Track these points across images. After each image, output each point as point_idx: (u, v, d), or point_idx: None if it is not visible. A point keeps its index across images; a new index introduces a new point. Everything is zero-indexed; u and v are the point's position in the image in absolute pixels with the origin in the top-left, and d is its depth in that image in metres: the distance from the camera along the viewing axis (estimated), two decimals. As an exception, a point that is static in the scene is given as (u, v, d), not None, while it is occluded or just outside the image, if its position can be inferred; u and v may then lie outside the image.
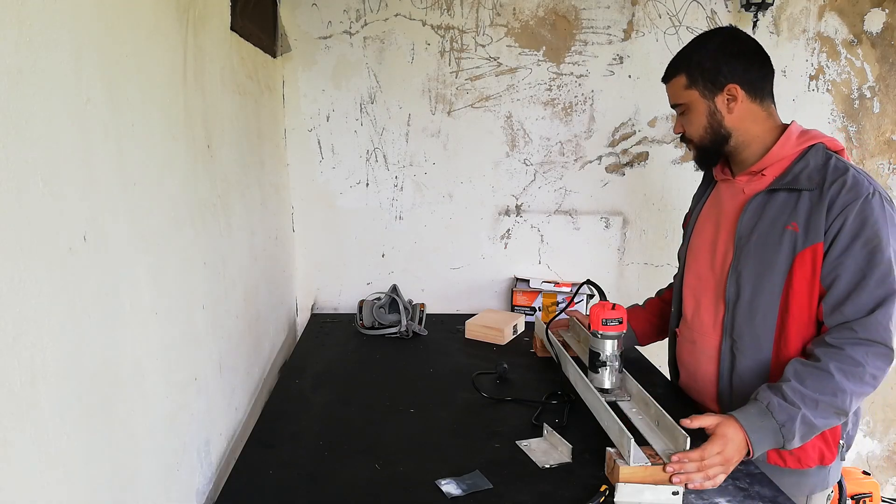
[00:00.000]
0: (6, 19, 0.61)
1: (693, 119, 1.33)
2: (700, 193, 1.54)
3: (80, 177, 0.76)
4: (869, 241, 1.17)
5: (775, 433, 1.14)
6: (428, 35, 2.09)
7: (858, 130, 2.21)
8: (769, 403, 1.16)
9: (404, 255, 2.26)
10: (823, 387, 1.15)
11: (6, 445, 0.61)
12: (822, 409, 1.15)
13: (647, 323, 1.67)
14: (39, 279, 0.66)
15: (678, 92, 1.34)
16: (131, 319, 0.89)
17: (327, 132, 2.15)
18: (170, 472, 1.04)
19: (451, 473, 1.16)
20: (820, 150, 1.27)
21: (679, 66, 1.33)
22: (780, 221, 1.25)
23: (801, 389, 1.15)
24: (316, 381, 1.63)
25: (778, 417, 1.14)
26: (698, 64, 1.30)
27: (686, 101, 1.33)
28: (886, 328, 1.17)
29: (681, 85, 1.33)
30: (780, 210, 1.26)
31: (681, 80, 1.32)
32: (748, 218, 1.30)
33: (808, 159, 1.26)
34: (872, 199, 1.19)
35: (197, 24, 1.21)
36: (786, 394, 1.16)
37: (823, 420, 1.16)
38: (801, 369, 1.18)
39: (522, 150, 2.19)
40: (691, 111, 1.33)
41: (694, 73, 1.30)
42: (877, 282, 1.17)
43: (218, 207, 1.33)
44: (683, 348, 1.48)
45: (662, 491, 1.07)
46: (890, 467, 2.50)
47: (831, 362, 1.16)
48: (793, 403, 1.15)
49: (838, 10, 2.12)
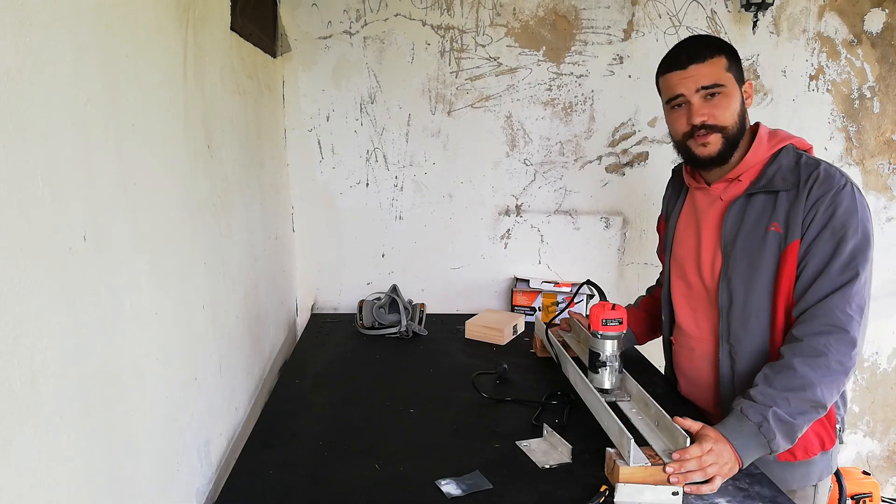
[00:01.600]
0: (6, 19, 0.61)
1: (729, 103, 1.27)
2: (672, 199, 1.54)
3: (80, 177, 0.76)
4: (836, 231, 1.20)
5: (756, 435, 1.15)
6: (428, 35, 2.09)
7: (858, 130, 2.21)
8: (742, 408, 1.17)
9: (404, 255, 2.26)
10: (790, 383, 1.16)
11: (6, 445, 0.61)
12: (795, 405, 1.15)
13: (643, 322, 1.68)
14: (39, 279, 0.66)
15: (718, 72, 1.26)
16: (131, 319, 0.89)
17: (327, 132, 2.15)
18: (170, 472, 1.04)
19: (451, 473, 1.16)
20: (790, 150, 1.29)
21: (718, 46, 1.28)
22: (761, 223, 1.27)
23: (769, 391, 1.17)
24: (316, 381, 1.63)
25: (752, 418, 1.15)
26: (731, 50, 1.29)
27: (726, 83, 1.27)
28: (844, 312, 1.18)
29: (722, 66, 1.27)
30: (760, 212, 1.28)
31: (721, 60, 1.27)
32: (731, 223, 1.31)
33: (780, 161, 1.28)
34: (843, 190, 1.21)
35: (197, 24, 1.21)
36: (754, 397, 1.17)
37: (802, 416, 1.16)
38: (769, 371, 1.20)
39: (522, 150, 2.19)
40: (727, 95, 1.27)
41: (732, 57, 1.28)
42: (839, 269, 1.19)
43: (218, 207, 1.33)
44: (681, 356, 1.48)
45: (662, 491, 1.07)
46: (890, 467, 2.50)
47: (794, 357, 1.18)
48: (764, 404, 1.16)
49: (838, 10, 2.12)
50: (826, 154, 2.22)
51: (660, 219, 1.63)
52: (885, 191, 2.27)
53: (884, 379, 2.43)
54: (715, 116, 1.27)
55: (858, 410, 2.44)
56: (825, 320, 1.18)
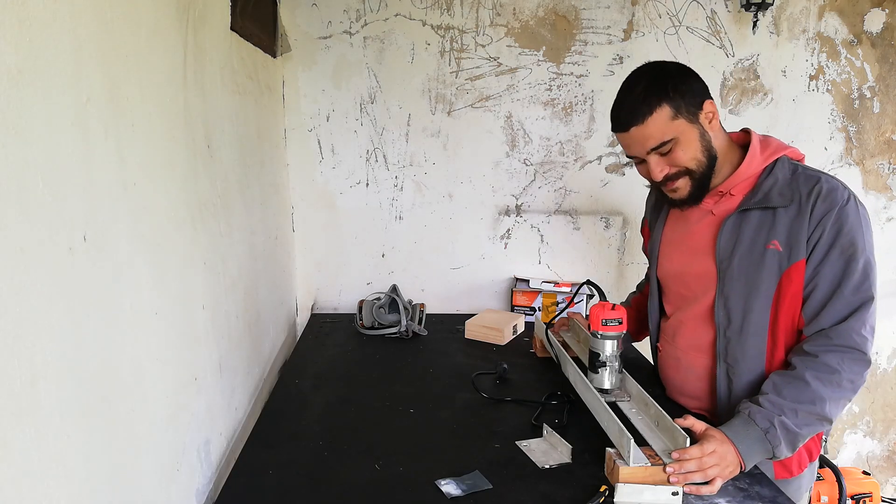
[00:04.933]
0: (6, 19, 0.61)
1: (687, 148, 1.22)
2: (657, 207, 1.48)
3: (80, 177, 0.76)
4: (845, 249, 1.17)
5: (761, 440, 1.15)
6: (428, 35, 2.09)
7: (858, 130, 2.21)
8: (749, 412, 1.17)
9: (404, 255, 2.26)
10: (800, 395, 1.16)
11: (6, 445, 0.61)
12: (802, 417, 1.16)
13: (637, 322, 1.66)
14: (39, 279, 0.66)
15: (662, 127, 1.20)
16: (131, 319, 0.89)
17: (327, 132, 2.15)
18: (170, 472, 1.04)
19: (451, 473, 1.16)
20: (786, 162, 1.25)
21: (657, 97, 1.19)
22: (759, 241, 1.23)
23: (778, 400, 1.17)
24: (316, 381, 1.63)
25: (760, 424, 1.15)
26: (675, 89, 1.20)
27: (675, 135, 1.21)
28: (860, 334, 1.17)
29: (666, 117, 1.19)
30: (756, 230, 1.24)
31: (664, 112, 1.19)
32: (725, 240, 1.27)
33: (775, 174, 1.24)
34: (847, 205, 1.18)
35: (197, 24, 1.21)
36: (763, 404, 1.17)
37: (808, 427, 1.17)
38: (778, 380, 1.20)
39: (522, 150, 2.19)
40: (681, 143, 1.21)
41: (677, 96, 1.20)
42: (852, 289, 1.17)
43: (218, 207, 1.33)
44: (667, 364, 1.47)
45: (662, 491, 1.07)
46: (890, 467, 2.50)
47: (807, 371, 1.17)
48: (771, 411, 1.16)
49: (838, 10, 2.12)
50: (826, 154, 2.22)
51: (643, 222, 1.59)
52: (885, 191, 2.27)
53: (884, 379, 2.43)
54: (675, 165, 1.24)
55: (858, 410, 2.44)
56: (840, 341, 1.17)
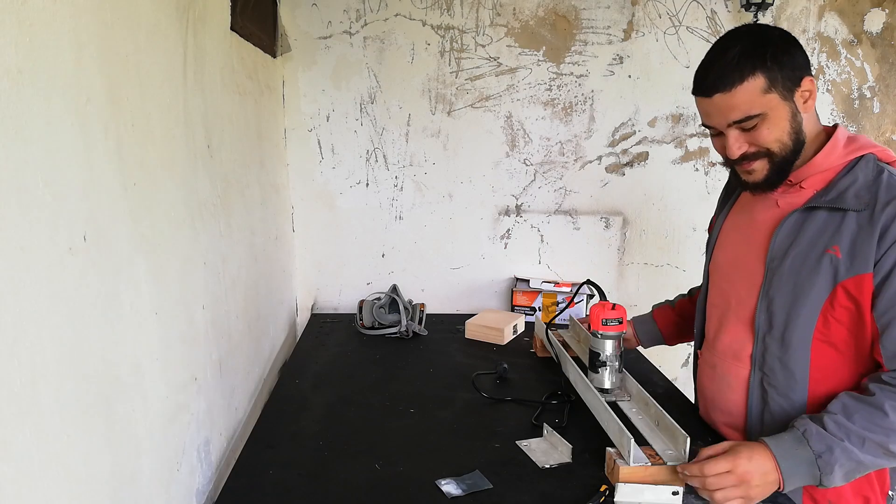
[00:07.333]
0: (6, 19, 0.61)
1: (774, 128, 1.07)
2: (724, 197, 1.36)
3: (80, 177, 0.76)
4: None
5: (810, 464, 1.01)
6: (428, 35, 2.09)
7: (858, 130, 2.21)
8: (806, 430, 1.03)
9: (404, 255, 2.26)
10: (873, 424, 1.01)
11: (6, 445, 0.61)
12: (869, 447, 1.01)
13: (674, 325, 1.57)
14: (39, 279, 0.66)
15: (751, 100, 1.05)
16: (131, 319, 0.89)
17: (327, 132, 2.15)
18: (170, 472, 1.04)
19: (451, 473, 1.17)
20: (871, 161, 1.09)
21: (752, 65, 1.04)
22: (819, 244, 1.08)
23: (847, 424, 1.02)
24: (316, 381, 1.63)
25: (815, 447, 1.01)
26: (774, 58, 1.05)
27: (764, 110, 1.06)
28: None
29: (758, 89, 1.05)
30: (819, 231, 1.09)
31: (758, 82, 1.04)
32: (782, 237, 1.13)
33: (856, 173, 1.08)
34: None
35: (197, 24, 1.21)
36: (827, 424, 1.03)
37: (872, 458, 1.02)
38: (850, 403, 1.04)
39: (522, 150, 2.19)
40: (769, 120, 1.07)
41: (775, 67, 1.05)
42: None
43: (218, 207, 1.33)
44: (703, 373, 1.33)
45: (662, 491, 1.07)
46: None
47: (887, 400, 1.02)
48: (834, 435, 1.02)
49: (838, 10, 2.12)
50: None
51: (711, 221, 1.43)
52: None
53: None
54: (757, 144, 1.10)
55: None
56: None
